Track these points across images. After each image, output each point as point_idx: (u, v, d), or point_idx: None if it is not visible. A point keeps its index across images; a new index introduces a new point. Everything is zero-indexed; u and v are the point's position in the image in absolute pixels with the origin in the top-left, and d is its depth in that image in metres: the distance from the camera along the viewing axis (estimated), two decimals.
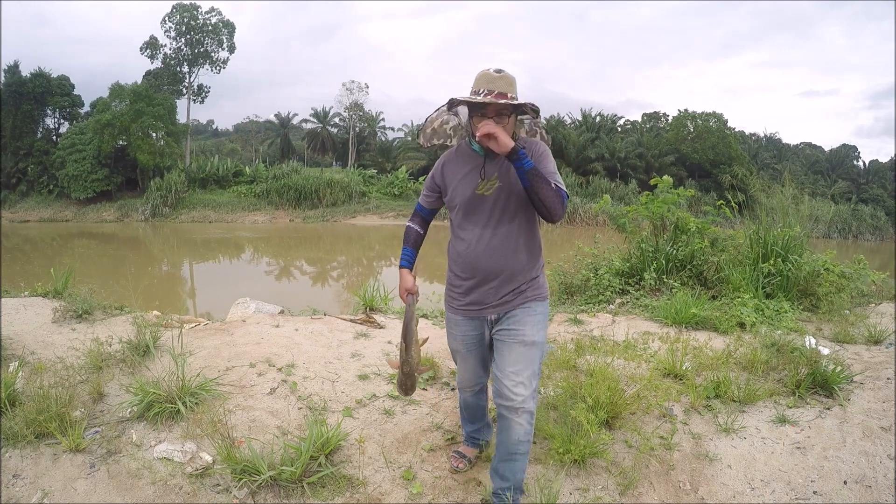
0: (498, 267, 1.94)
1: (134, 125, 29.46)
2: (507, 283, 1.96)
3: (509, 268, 1.95)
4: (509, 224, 1.94)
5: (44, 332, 3.58)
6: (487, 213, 1.94)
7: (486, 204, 1.94)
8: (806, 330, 4.07)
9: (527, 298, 1.98)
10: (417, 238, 2.17)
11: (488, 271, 1.95)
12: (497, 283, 1.96)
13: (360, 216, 30.64)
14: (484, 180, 1.94)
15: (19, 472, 2.14)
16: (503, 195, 1.92)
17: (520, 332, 1.94)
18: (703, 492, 2.19)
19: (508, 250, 1.94)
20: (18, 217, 29.45)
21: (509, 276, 1.95)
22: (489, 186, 1.93)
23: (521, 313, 1.97)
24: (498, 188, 1.93)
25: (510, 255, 1.94)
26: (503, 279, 1.95)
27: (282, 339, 3.68)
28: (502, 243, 1.94)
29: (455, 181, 2.00)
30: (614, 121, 43.07)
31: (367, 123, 44.54)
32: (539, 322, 1.98)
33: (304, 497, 2.07)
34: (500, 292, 1.97)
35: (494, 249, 1.94)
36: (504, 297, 1.98)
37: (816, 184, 43.10)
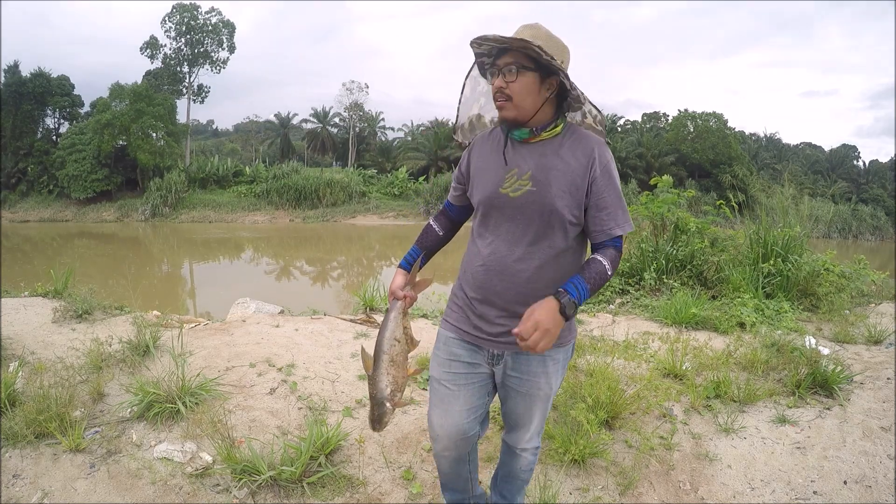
0: (514, 296, 1.48)
1: (134, 125, 29.48)
2: (517, 315, 1.46)
3: (523, 298, 1.46)
4: (539, 244, 1.45)
5: (44, 332, 3.58)
6: (512, 222, 1.46)
7: (511, 209, 1.45)
8: (806, 330, 4.07)
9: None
10: (434, 239, 1.72)
11: (502, 297, 1.49)
12: (501, 311, 1.51)
13: (360, 216, 30.66)
14: (511, 176, 1.45)
15: (19, 472, 2.14)
16: (536, 204, 1.42)
17: (533, 383, 1.54)
18: (703, 492, 2.19)
19: (533, 279, 1.46)
20: (18, 217, 29.45)
21: (522, 307, 1.44)
22: (518, 186, 1.44)
23: (537, 362, 1.53)
24: (529, 193, 1.43)
25: (534, 285, 1.46)
26: (512, 309, 1.49)
27: (282, 339, 3.68)
28: (527, 267, 1.46)
29: (478, 171, 1.54)
30: (614, 121, 43.16)
31: (367, 123, 44.59)
32: (559, 371, 1.58)
33: (304, 497, 2.07)
34: (506, 325, 1.50)
35: (515, 274, 1.47)
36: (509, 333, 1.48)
37: (816, 184, 43.13)
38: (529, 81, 1.38)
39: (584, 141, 1.45)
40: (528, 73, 1.37)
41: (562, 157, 1.43)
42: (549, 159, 1.43)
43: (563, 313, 1.30)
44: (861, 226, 32.75)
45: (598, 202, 1.43)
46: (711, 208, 6.01)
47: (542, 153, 1.44)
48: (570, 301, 1.32)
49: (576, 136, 1.45)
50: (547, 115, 1.45)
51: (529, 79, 1.38)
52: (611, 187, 1.43)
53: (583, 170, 1.42)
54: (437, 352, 1.62)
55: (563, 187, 1.41)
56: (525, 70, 1.37)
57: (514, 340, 1.41)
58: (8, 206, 30.07)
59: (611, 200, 1.43)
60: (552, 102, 1.45)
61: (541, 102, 1.40)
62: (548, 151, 1.44)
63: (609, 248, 1.45)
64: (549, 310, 1.30)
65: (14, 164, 31.41)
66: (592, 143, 1.44)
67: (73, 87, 34.02)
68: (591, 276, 1.38)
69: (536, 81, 1.39)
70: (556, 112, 1.47)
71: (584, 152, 1.43)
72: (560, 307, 1.30)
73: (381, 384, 1.48)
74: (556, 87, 1.42)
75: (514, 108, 1.39)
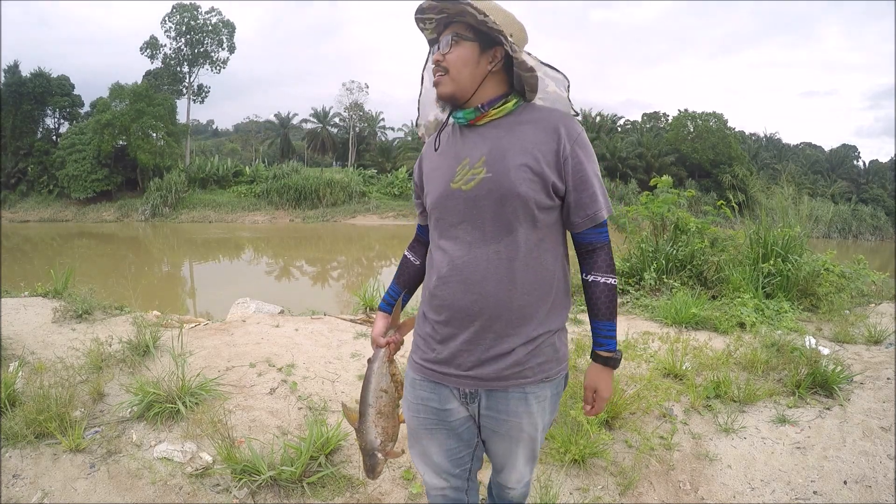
0: (482, 310, 1.21)
1: (134, 125, 29.50)
2: (488, 337, 1.22)
3: (493, 310, 1.20)
4: (504, 241, 1.21)
5: (44, 332, 3.58)
6: (468, 221, 1.23)
7: (465, 205, 1.23)
8: (806, 330, 4.07)
9: (527, 379, 1.24)
10: (411, 272, 1.50)
11: (469, 315, 1.22)
12: (471, 334, 1.23)
13: (360, 216, 30.66)
14: (463, 167, 1.24)
15: (19, 472, 2.14)
16: (494, 192, 1.19)
17: (514, 424, 1.28)
18: (703, 492, 2.18)
19: (504, 286, 1.20)
20: (18, 217, 29.46)
21: (494, 325, 1.21)
22: (471, 176, 1.22)
23: (517, 400, 1.25)
24: (484, 181, 1.20)
25: (498, 290, 1.20)
26: (481, 328, 1.22)
27: (282, 339, 3.68)
28: (493, 271, 1.21)
29: (429, 175, 1.33)
30: (614, 121, 43.17)
31: (367, 123, 44.60)
32: (546, 409, 1.30)
33: (304, 497, 2.07)
34: (476, 351, 1.23)
35: (479, 282, 1.21)
36: (485, 364, 1.23)
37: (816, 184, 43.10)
38: (466, 51, 1.21)
39: (545, 115, 1.25)
40: (465, 43, 1.21)
41: (520, 135, 1.22)
42: (505, 139, 1.22)
43: (615, 367, 1.31)
44: (861, 226, 32.75)
45: (577, 182, 1.23)
46: (711, 208, 6.01)
47: (497, 135, 1.24)
48: (617, 356, 1.30)
49: (535, 112, 1.26)
50: (493, 90, 1.25)
51: (466, 48, 1.21)
52: (590, 163, 1.24)
53: (549, 146, 1.21)
54: (406, 395, 1.37)
55: (524, 167, 1.19)
56: (462, 40, 1.21)
57: (487, 375, 1.24)
58: (8, 206, 30.08)
59: (592, 178, 1.23)
60: (500, 78, 1.26)
61: (481, 75, 1.23)
62: (502, 132, 1.24)
63: (596, 252, 1.27)
64: (606, 382, 1.31)
65: (14, 164, 31.42)
66: (556, 117, 1.25)
67: (73, 87, 34.06)
68: (605, 308, 1.28)
69: (475, 51, 1.21)
70: (509, 89, 1.28)
71: (546, 127, 1.23)
72: (611, 369, 1.31)
73: (369, 436, 1.36)
74: (500, 59, 1.24)
75: (450, 82, 1.22)
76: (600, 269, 1.28)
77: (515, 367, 1.23)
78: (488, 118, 1.26)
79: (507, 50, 1.20)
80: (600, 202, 1.25)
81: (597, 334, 1.29)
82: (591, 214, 1.25)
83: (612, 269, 1.29)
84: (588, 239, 1.28)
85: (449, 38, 1.22)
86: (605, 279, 1.27)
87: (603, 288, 1.27)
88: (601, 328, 1.29)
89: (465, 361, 1.24)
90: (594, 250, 1.29)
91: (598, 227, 1.27)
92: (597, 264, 1.28)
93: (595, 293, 1.28)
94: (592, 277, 1.28)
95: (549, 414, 1.33)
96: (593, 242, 1.28)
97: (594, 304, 1.28)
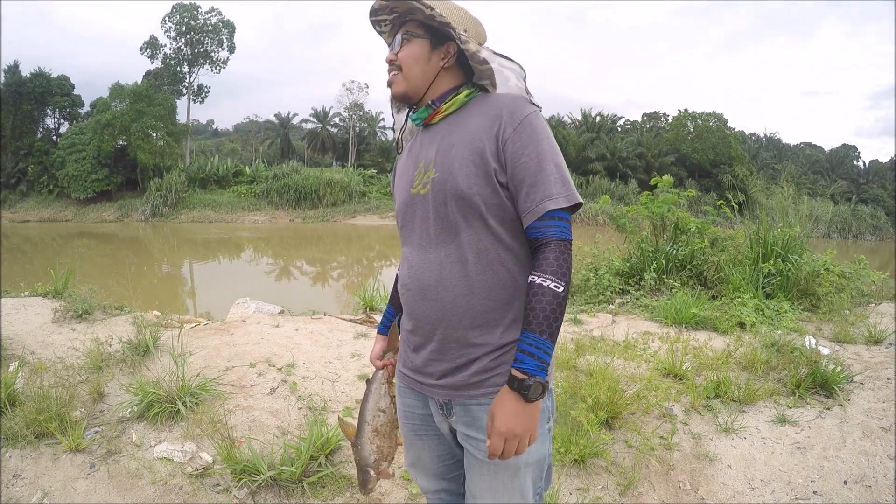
0: (440, 318, 1.14)
1: (134, 125, 29.51)
2: (452, 346, 1.14)
3: (453, 317, 1.13)
4: (453, 244, 1.13)
5: (44, 332, 3.58)
6: (423, 224, 1.17)
7: (422, 209, 1.17)
8: (806, 330, 4.07)
9: (497, 386, 1.12)
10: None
11: (430, 323, 1.16)
12: (437, 343, 1.16)
13: (360, 216, 30.65)
14: (419, 172, 1.19)
15: (19, 472, 2.14)
16: (441, 192, 1.13)
17: (479, 447, 1.14)
18: (703, 492, 2.18)
19: (459, 292, 1.12)
20: (18, 217, 29.46)
21: (456, 333, 1.13)
22: (426, 179, 1.16)
23: (483, 415, 1.13)
24: (434, 182, 1.14)
25: (455, 296, 1.12)
26: (444, 336, 1.14)
27: (282, 339, 3.68)
28: (441, 275, 1.14)
29: (397, 179, 1.31)
30: (614, 121, 43.19)
31: (367, 123, 44.60)
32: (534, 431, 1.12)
33: (304, 497, 2.07)
34: (444, 360, 1.15)
35: (433, 288, 1.14)
36: (453, 373, 1.15)
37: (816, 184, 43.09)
38: (416, 48, 1.17)
39: (494, 100, 1.16)
40: (415, 40, 1.17)
41: (467, 126, 1.15)
42: (454, 133, 1.15)
43: (530, 399, 1.00)
44: (861, 226, 32.73)
45: (516, 168, 1.08)
46: (711, 208, 6.02)
47: (448, 131, 1.17)
48: (532, 381, 0.99)
49: (486, 100, 1.17)
50: (446, 86, 1.21)
51: (417, 45, 1.17)
52: (532, 147, 1.08)
53: (487, 132, 1.11)
54: (397, 403, 1.35)
55: (466, 162, 1.10)
56: (413, 37, 1.18)
57: (456, 384, 1.15)
58: (8, 206, 30.09)
59: (534, 165, 1.07)
60: (454, 74, 1.21)
61: (433, 71, 1.18)
62: (452, 127, 1.17)
63: (542, 248, 1.07)
64: (508, 411, 1.01)
65: (14, 164, 31.44)
66: (503, 100, 1.14)
67: (73, 87, 34.08)
68: (541, 318, 1.02)
69: (426, 48, 1.17)
70: (461, 83, 1.22)
71: (489, 112, 1.13)
72: (521, 397, 1.00)
73: (364, 452, 1.34)
74: (453, 54, 1.19)
75: (403, 80, 1.18)
76: (544, 269, 1.04)
77: (482, 375, 1.12)
78: (441, 114, 1.20)
79: (459, 45, 1.16)
80: (547, 191, 1.06)
81: (518, 347, 1.03)
82: (531, 206, 1.07)
83: (560, 274, 1.04)
84: (535, 233, 1.08)
85: (399, 36, 1.19)
86: (547, 282, 1.03)
87: (540, 291, 1.03)
88: (525, 340, 1.02)
89: (435, 370, 1.18)
90: (540, 246, 1.08)
91: (547, 219, 1.07)
92: (540, 264, 1.06)
93: (531, 297, 1.04)
94: (532, 277, 1.05)
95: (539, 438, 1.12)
96: (540, 238, 1.08)
97: (527, 311, 1.04)
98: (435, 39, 1.18)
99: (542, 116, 1.13)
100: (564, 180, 1.08)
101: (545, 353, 1.01)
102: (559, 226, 1.07)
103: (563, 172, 1.09)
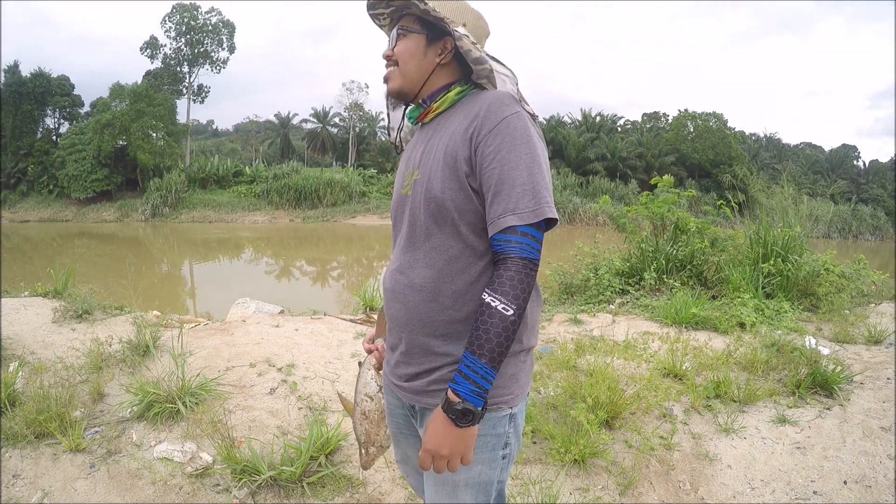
0: (402, 315, 1.12)
1: (134, 125, 29.50)
2: (417, 351, 1.11)
3: (418, 323, 1.09)
4: (423, 247, 1.09)
5: (44, 332, 3.58)
6: (405, 226, 1.15)
7: (405, 210, 1.15)
8: (806, 330, 4.07)
9: None
10: None
11: (401, 326, 1.13)
12: (404, 346, 1.13)
13: (360, 216, 30.65)
14: (409, 173, 1.16)
15: (19, 472, 2.14)
16: (420, 195, 1.10)
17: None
18: (703, 492, 2.18)
19: (417, 292, 1.09)
20: (18, 217, 29.46)
21: (419, 338, 1.10)
22: (412, 181, 1.13)
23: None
24: (416, 183, 1.12)
25: (420, 301, 1.08)
26: (410, 340, 1.12)
27: (282, 339, 3.68)
28: (410, 279, 1.11)
29: (396, 177, 1.27)
30: (614, 121, 43.17)
31: (367, 123, 44.59)
32: (488, 448, 1.09)
33: (304, 497, 2.07)
34: (410, 364, 1.13)
35: (404, 290, 1.12)
36: (414, 377, 1.12)
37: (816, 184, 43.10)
38: (412, 43, 1.13)
39: (478, 98, 1.09)
40: (411, 35, 1.13)
41: (449, 126, 1.10)
42: (438, 134, 1.11)
43: (459, 423, 0.96)
44: (861, 226, 32.74)
45: (483, 177, 1.02)
46: (711, 208, 6.02)
47: (435, 131, 1.13)
48: (461, 406, 0.95)
49: (473, 97, 1.11)
50: (440, 83, 1.16)
51: (412, 40, 1.13)
52: (504, 152, 1.00)
53: (463, 133, 1.05)
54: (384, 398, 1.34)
55: (441, 165, 1.06)
56: (409, 32, 1.14)
57: (417, 388, 1.12)
58: (8, 206, 30.08)
59: (501, 172, 0.99)
60: (451, 70, 1.16)
61: (428, 68, 1.14)
62: (440, 127, 1.12)
63: (504, 263, 0.99)
64: (437, 430, 0.98)
65: (14, 164, 31.43)
66: (486, 98, 1.06)
67: (73, 87, 34.08)
68: (484, 342, 0.95)
69: (421, 43, 1.13)
70: (454, 80, 1.17)
71: (471, 109, 1.07)
72: (449, 420, 0.96)
73: (356, 431, 1.36)
74: (450, 50, 1.14)
75: (399, 76, 1.15)
76: (496, 288, 0.97)
77: (439, 384, 1.08)
78: (433, 113, 1.17)
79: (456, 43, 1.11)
80: (511, 203, 0.98)
81: (458, 369, 0.98)
82: (493, 217, 1.00)
83: (513, 296, 0.96)
84: (496, 246, 1.01)
85: (395, 31, 1.16)
86: (496, 303, 0.96)
87: (488, 311, 0.96)
88: (464, 360, 0.97)
89: (402, 373, 1.15)
90: (499, 262, 1.00)
91: (509, 233, 0.98)
92: (493, 281, 0.99)
93: (478, 315, 0.98)
94: (485, 294, 0.99)
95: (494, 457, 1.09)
96: (500, 252, 1.00)
97: (473, 329, 0.98)
98: (431, 34, 1.14)
99: (526, 118, 1.04)
100: (535, 192, 0.98)
101: (483, 380, 0.95)
102: (522, 242, 0.98)
103: (535, 182, 0.99)
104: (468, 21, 1.15)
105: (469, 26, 1.15)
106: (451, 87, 1.16)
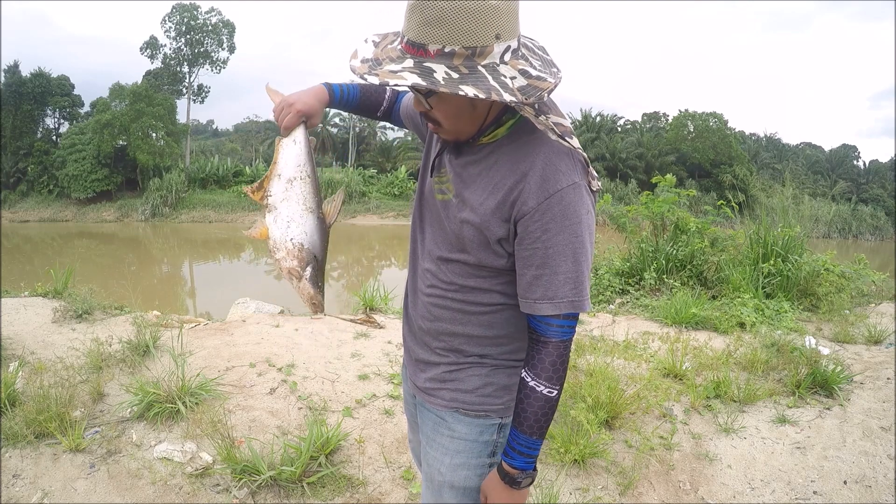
0: (427, 322, 1.12)
1: (134, 125, 29.49)
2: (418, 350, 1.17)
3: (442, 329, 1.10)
4: (450, 260, 1.07)
5: (44, 332, 3.58)
6: (431, 228, 1.11)
7: (433, 213, 1.10)
8: (806, 330, 4.08)
9: (444, 402, 1.11)
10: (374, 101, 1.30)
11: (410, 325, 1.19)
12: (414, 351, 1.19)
13: (360, 216, 30.66)
14: (442, 173, 1.08)
15: (19, 472, 2.14)
16: (452, 216, 1.04)
17: (428, 453, 1.16)
18: (703, 492, 2.19)
19: (432, 301, 1.10)
20: (18, 217, 29.46)
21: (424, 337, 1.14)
22: (444, 189, 1.06)
23: (431, 423, 1.15)
24: (447, 204, 1.05)
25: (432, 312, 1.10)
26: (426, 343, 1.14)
27: (282, 339, 3.68)
28: (430, 283, 1.10)
29: (428, 145, 1.16)
30: (614, 121, 43.15)
31: (366, 123, 44.57)
32: (463, 452, 1.10)
33: (304, 497, 2.07)
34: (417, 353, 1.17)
35: (417, 293, 1.15)
36: (417, 372, 1.18)
37: (816, 184, 43.12)
38: (451, 106, 0.93)
39: (530, 148, 0.95)
40: (445, 95, 0.90)
41: (490, 175, 0.98)
42: (474, 169, 1.01)
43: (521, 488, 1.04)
44: (861, 226, 32.77)
45: (524, 254, 0.96)
46: (711, 208, 6.02)
47: (473, 160, 1.01)
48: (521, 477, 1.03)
49: (522, 138, 0.96)
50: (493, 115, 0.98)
51: (451, 104, 0.92)
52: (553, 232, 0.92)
53: (505, 196, 0.95)
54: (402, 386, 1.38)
55: (467, 222, 1.00)
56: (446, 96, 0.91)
57: (421, 385, 1.16)
58: (8, 206, 30.08)
59: (545, 257, 0.93)
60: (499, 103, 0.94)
61: (481, 116, 0.96)
62: (480, 157, 1.00)
63: (539, 346, 0.98)
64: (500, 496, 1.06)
65: (14, 164, 31.42)
66: (539, 157, 0.93)
67: (73, 87, 34.06)
68: (532, 421, 0.99)
69: (464, 100, 0.90)
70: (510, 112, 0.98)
71: (519, 164, 0.95)
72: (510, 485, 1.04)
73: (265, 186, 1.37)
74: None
75: (450, 133, 0.99)
76: (538, 373, 0.97)
77: (434, 383, 1.13)
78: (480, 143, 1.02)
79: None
80: (548, 291, 0.94)
81: (509, 443, 1.02)
82: (529, 300, 0.97)
83: (556, 378, 0.97)
84: (534, 325, 0.99)
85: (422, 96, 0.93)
86: (541, 387, 0.97)
87: (533, 395, 0.98)
88: (517, 439, 1.01)
89: (409, 363, 1.22)
90: (537, 342, 0.98)
91: (544, 318, 0.96)
92: (534, 363, 0.98)
93: (523, 397, 0.99)
94: (526, 375, 0.99)
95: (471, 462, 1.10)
96: (539, 333, 0.98)
97: (519, 410, 1.00)
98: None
99: (582, 190, 0.94)
100: (577, 282, 0.94)
101: (534, 450, 1.02)
102: (563, 326, 0.96)
103: (579, 272, 0.94)
104: (501, 26, 0.84)
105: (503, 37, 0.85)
106: (502, 119, 0.98)
